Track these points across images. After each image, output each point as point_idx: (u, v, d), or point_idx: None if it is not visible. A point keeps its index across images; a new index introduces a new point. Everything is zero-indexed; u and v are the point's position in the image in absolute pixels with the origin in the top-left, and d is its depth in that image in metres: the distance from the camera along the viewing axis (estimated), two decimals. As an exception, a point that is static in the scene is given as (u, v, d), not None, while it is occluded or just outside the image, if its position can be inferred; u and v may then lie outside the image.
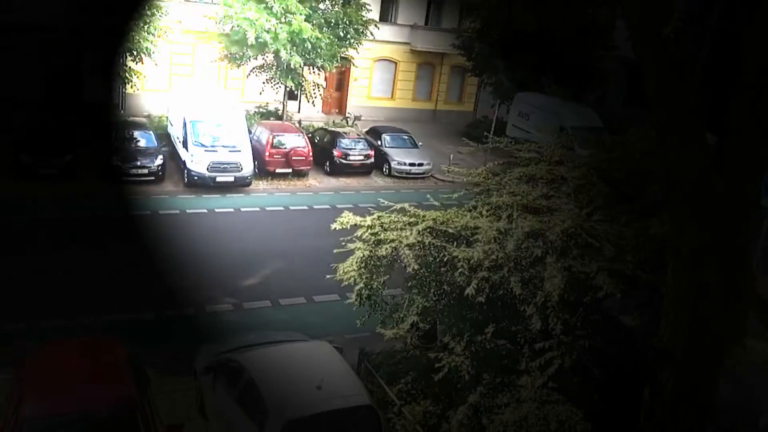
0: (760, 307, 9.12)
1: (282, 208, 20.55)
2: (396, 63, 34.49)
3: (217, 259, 16.15)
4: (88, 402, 8.43)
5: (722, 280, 7.27)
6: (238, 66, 26.02)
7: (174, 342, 12.27)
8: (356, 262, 10.39)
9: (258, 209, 20.27)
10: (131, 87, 24.88)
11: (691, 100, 7.10)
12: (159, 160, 21.15)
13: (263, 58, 25.55)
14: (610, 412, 8.34)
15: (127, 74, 24.15)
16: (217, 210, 19.75)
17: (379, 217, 10.74)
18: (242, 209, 20.09)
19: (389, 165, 25.17)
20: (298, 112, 30.68)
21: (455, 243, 10.06)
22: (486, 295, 9.15)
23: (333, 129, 26.64)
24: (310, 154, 23.48)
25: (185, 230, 18.14)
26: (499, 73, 29.81)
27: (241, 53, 25.08)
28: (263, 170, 22.78)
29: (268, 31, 23.64)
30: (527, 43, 26.82)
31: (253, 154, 21.98)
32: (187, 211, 19.40)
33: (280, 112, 28.29)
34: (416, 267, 9.96)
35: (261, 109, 28.15)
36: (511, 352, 8.80)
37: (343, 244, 10.71)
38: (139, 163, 20.82)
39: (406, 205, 11.05)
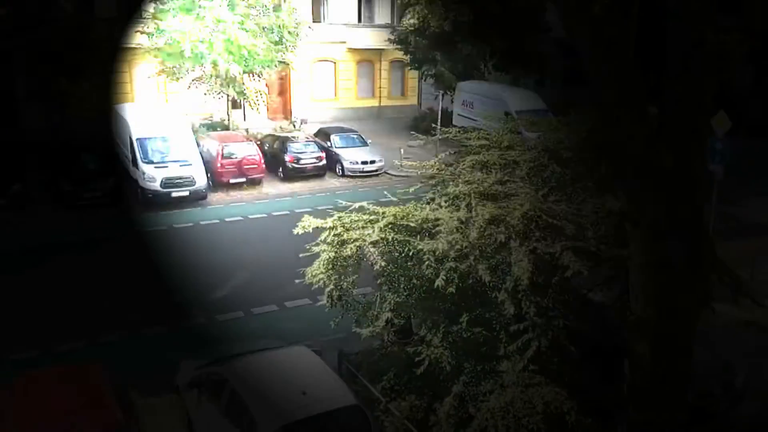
0: (722, 270, 9.56)
1: (241, 218, 20.44)
2: (335, 63, 34.55)
3: (184, 274, 16.01)
4: (75, 431, 8.35)
5: (682, 248, 7.60)
6: (177, 79, 25.65)
7: (152, 361, 12.12)
8: (323, 265, 10.40)
9: (217, 221, 20.14)
10: (70, 110, 24.26)
11: (628, 75, 7.29)
12: (111, 181, 20.88)
13: (201, 69, 25.29)
14: (592, 388, 8.60)
15: (63, 97, 23.55)
16: (175, 225, 19.54)
17: (339, 218, 10.79)
18: (201, 222, 19.94)
19: (342, 165, 25.25)
20: (244, 120, 30.47)
21: (418, 236, 10.20)
22: (456, 285, 9.33)
23: (281, 134, 26.58)
24: (262, 161, 23.45)
25: (147, 249, 17.90)
26: (438, 65, 30.21)
27: (178, 66, 24.79)
28: (217, 182, 22.61)
29: (202, 42, 23.43)
30: (464, 33, 27.22)
31: (204, 166, 21.81)
32: (147, 229, 19.13)
33: (226, 122, 28.05)
34: (383, 264, 10.10)
35: (206, 121, 27.86)
36: (488, 339, 8.97)
37: (307, 247, 10.79)
38: (91, 186, 20.48)
39: (364, 204, 11.18)
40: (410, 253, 10.04)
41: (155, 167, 20.96)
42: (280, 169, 24.36)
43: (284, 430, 8.49)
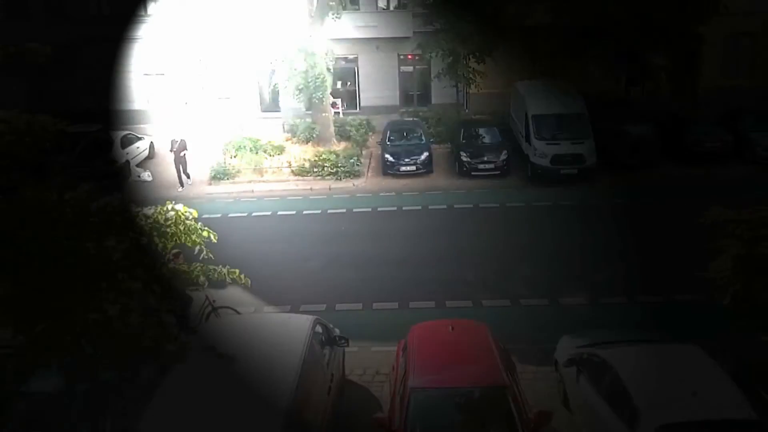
0: None
1: (629, 201, 19.51)
2: (754, 36, 30.22)
3: (565, 251, 16.20)
4: (466, 379, 9.14)
5: None
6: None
7: (528, 331, 12.65)
8: (730, 261, 9.42)
9: (602, 202, 19.64)
10: (475, 87, 26.24)
11: None
12: (504, 155, 22.10)
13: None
14: None
15: (471, 75, 25.53)
16: (560, 203, 19.70)
17: (757, 210, 9.57)
18: (585, 202, 19.65)
19: (753, 151, 22.22)
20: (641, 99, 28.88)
21: None
22: None
23: (681, 114, 24.55)
24: (659, 143, 22.06)
25: (530, 222, 18.58)
26: None
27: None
28: (609, 162, 21.99)
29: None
30: None
31: (597, 145, 21.45)
32: (532, 203, 19.76)
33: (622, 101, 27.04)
34: (805, 267, 8.65)
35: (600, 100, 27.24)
36: None
37: (716, 239, 9.78)
38: (485, 159, 22.05)
39: None
40: None
41: (547, 144, 21.41)
42: (680, 152, 22.51)
43: (669, 427, 7.98)
